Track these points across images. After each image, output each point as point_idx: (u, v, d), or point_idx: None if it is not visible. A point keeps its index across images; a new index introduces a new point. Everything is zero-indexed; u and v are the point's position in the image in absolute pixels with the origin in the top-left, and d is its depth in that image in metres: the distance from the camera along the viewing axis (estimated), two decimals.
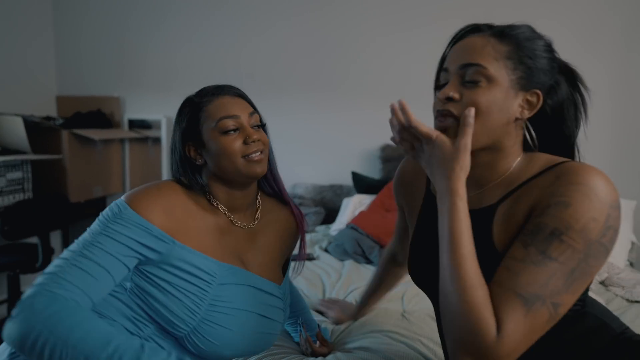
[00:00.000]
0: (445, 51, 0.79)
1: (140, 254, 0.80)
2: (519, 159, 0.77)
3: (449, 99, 0.72)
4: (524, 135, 0.77)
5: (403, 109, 0.73)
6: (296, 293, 1.20)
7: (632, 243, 2.12)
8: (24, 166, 2.55)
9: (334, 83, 2.83)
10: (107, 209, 0.83)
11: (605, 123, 2.37)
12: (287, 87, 2.92)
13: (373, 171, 2.75)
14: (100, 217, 0.82)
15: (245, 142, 0.88)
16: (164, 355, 0.70)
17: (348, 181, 2.78)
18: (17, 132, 2.50)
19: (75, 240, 0.80)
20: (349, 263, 1.93)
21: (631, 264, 2.06)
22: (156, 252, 0.81)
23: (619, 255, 1.96)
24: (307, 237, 2.34)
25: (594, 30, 2.35)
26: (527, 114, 0.74)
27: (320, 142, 2.88)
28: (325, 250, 2.14)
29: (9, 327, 0.68)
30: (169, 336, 0.84)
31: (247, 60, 2.93)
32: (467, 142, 0.69)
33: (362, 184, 2.63)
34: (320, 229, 2.51)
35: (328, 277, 1.76)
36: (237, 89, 0.95)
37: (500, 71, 0.71)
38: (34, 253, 2.50)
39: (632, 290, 1.62)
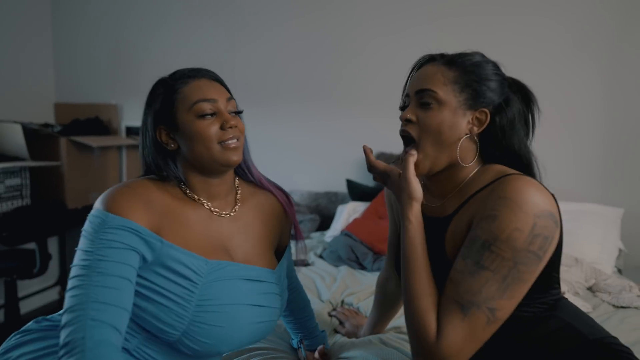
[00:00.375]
0: (406, 79, 0.91)
1: (140, 254, 0.78)
2: (475, 170, 0.87)
3: (408, 121, 0.85)
4: (479, 149, 0.86)
5: (365, 153, 0.87)
6: (302, 295, 1.17)
7: (620, 250, 2.17)
8: (23, 173, 2.58)
9: (328, 91, 2.88)
10: (87, 223, 0.80)
11: (596, 129, 2.41)
12: (282, 94, 2.96)
13: (367, 179, 2.79)
14: (84, 233, 0.79)
15: (222, 128, 0.85)
16: None
17: (343, 188, 2.82)
18: (16, 139, 2.53)
19: (75, 264, 0.77)
20: (344, 269, 1.97)
21: (619, 271, 2.10)
22: (150, 250, 0.79)
23: (606, 262, 2.01)
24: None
25: (587, 29, 2.38)
26: (476, 130, 0.84)
27: (316, 150, 2.92)
28: (320, 256, 2.18)
29: None
30: (159, 342, 0.83)
31: (242, 68, 2.98)
32: (409, 174, 0.81)
33: (356, 191, 2.67)
34: (315, 235, 2.54)
35: (323, 282, 1.79)
36: (214, 72, 0.92)
37: (449, 94, 0.82)
38: (31, 259, 2.52)
39: (618, 296, 1.67)
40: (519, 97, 0.89)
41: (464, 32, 2.55)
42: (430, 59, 0.89)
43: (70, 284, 0.75)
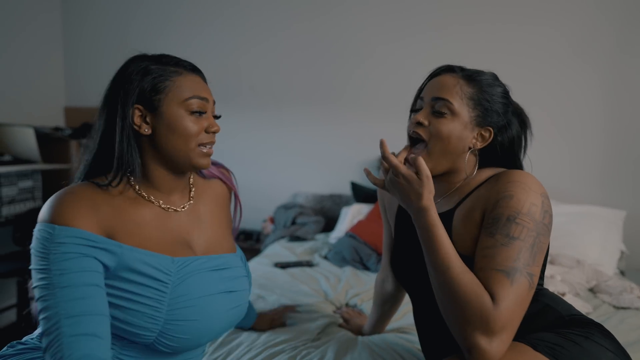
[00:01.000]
0: (423, 83, 0.96)
1: (99, 261, 0.74)
2: (472, 174, 0.94)
3: (419, 124, 0.90)
4: (478, 162, 0.95)
5: (381, 145, 0.88)
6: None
7: (622, 252, 2.18)
8: (35, 175, 2.64)
9: (333, 95, 2.92)
10: (34, 240, 0.75)
11: (599, 132, 2.43)
12: (288, 99, 3.00)
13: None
14: (34, 252, 0.74)
15: (206, 130, 0.84)
16: None
17: (347, 191, 2.86)
18: (29, 143, 2.60)
19: (36, 285, 0.72)
20: (348, 269, 2.00)
21: (622, 273, 2.12)
22: (109, 256, 0.75)
23: (608, 264, 2.03)
24: (307, 244, 2.41)
25: (588, 36, 2.41)
26: (479, 145, 0.91)
27: (321, 153, 2.97)
28: (325, 257, 2.21)
29: None
30: (137, 346, 0.81)
31: (248, 72, 3.02)
32: (429, 172, 0.84)
33: (360, 193, 2.70)
34: (320, 237, 2.58)
35: (327, 282, 1.83)
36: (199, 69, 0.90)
37: (463, 108, 0.88)
38: None
39: (619, 297, 1.69)
40: (518, 120, 0.98)
41: (468, 40, 2.58)
42: (449, 69, 0.94)
43: (38, 305, 0.71)
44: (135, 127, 0.82)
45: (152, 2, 3.24)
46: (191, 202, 0.92)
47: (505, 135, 0.94)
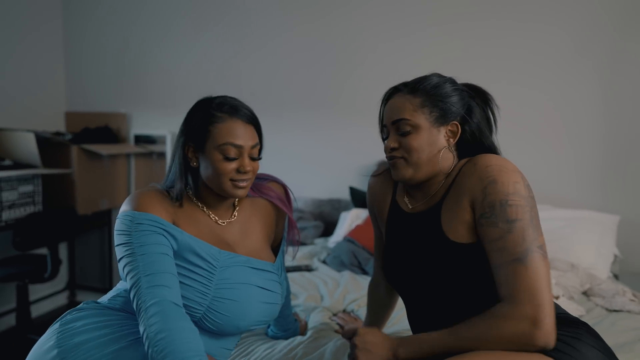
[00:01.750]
0: (380, 110, 1.04)
1: (168, 239, 0.93)
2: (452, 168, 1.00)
3: (393, 149, 0.99)
4: (456, 156, 1.00)
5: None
6: (286, 284, 1.28)
7: (615, 256, 2.21)
8: (35, 180, 2.66)
9: (332, 100, 2.94)
10: (118, 223, 0.95)
11: (595, 136, 2.45)
12: (287, 104, 3.03)
13: None
14: (119, 232, 0.94)
15: (238, 171, 1.00)
16: None
17: (346, 195, 2.88)
18: (29, 147, 2.62)
19: (122, 256, 0.93)
20: (347, 274, 2.02)
21: (615, 277, 2.15)
22: (173, 239, 0.94)
23: (601, 268, 2.05)
24: (306, 249, 2.43)
25: (588, 36, 2.42)
26: (452, 141, 0.98)
27: (320, 158, 2.99)
28: (324, 262, 2.24)
29: (140, 328, 0.86)
30: None
31: (247, 77, 3.05)
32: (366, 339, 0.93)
33: (359, 198, 2.73)
34: (319, 241, 2.60)
35: (326, 286, 1.85)
36: (252, 113, 1.05)
37: (420, 118, 0.95)
38: (43, 264, 2.60)
39: (612, 300, 1.72)
40: (479, 100, 1.03)
41: (466, 40, 2.60)
42: (395, 91, 1.01)
43: (125, 271, 0.92)
44: (188, 159, 1.03)
45: (152, 9, 3.28)
46: (233, 218, 1.10)
47: (471, 122, 0.99)
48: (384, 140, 1.05)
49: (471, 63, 2.55)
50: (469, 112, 0.99)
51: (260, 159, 1.06)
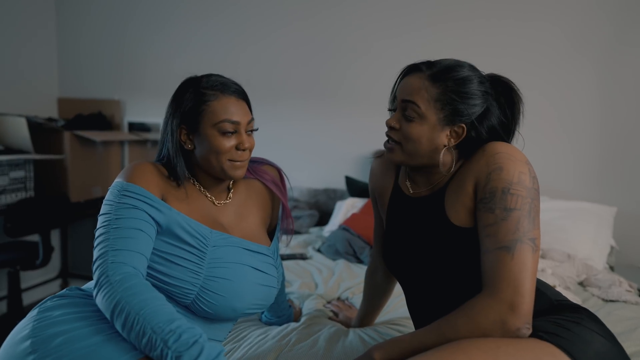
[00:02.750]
0: (396, 81, 0.98)
1: (150, 216, 0.91)
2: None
3: (392, 128, 0.95)
4: (456, 156, 0.96)
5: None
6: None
7: (612, 247, 2.21)
8: (27, 165, 2.62)
9: (328, 91, 2.92)
10: (108, 192, 0.94)
11: (592, 130, 2.45)
12: (284, 94, 3.01)
13: (365, 176, 2.83)
14: (105, 201, 0.93)
15: (237, 148, 0.97)
16: (219, 347, 0.79)
17: (342, 185, 2.87)
18: (21, 133, 2.58)
19: (99, 226, 0.91)
20: (341, 262, 2.01)
21: (612, 268, 2.14)
22: (160, 214, 0.92)
23: (598, 259, 2.05)
24: (301, 237, 2.42)
25: (585, 32, 2.41)
26: (453, 142, 0.93)
27: (316, 148, 2.97)
28: (319, 250, 2.22)
29: (99, 300, 0.84)
30: (178, 307, 0.93)
31: (245, 67, 3.02)
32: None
33: (355, 187, 2.71)
34: (314, 230, 2.59)
35: (320, 275, 1.83)
36: (241, 87, 1.02)
37: (430, 110, 0.90)
38: (34, 250, 2.57)
39: (608, 290, 1.71)
40: (503, 99, 0.96)
41: (464, 35, 2.59)
42: (416, 68, 0.94)
43: (95, 242, 0.90)
44: (182, 143, 1.00)
45: None
46: (228, 200, 1.07)
47: (483, 125, 0.93)
48: (389, 110, 1.00)
49: (470, 51, 2.52)
50: (482, 116, 0.92)
51: (256, 129, 1.04)
